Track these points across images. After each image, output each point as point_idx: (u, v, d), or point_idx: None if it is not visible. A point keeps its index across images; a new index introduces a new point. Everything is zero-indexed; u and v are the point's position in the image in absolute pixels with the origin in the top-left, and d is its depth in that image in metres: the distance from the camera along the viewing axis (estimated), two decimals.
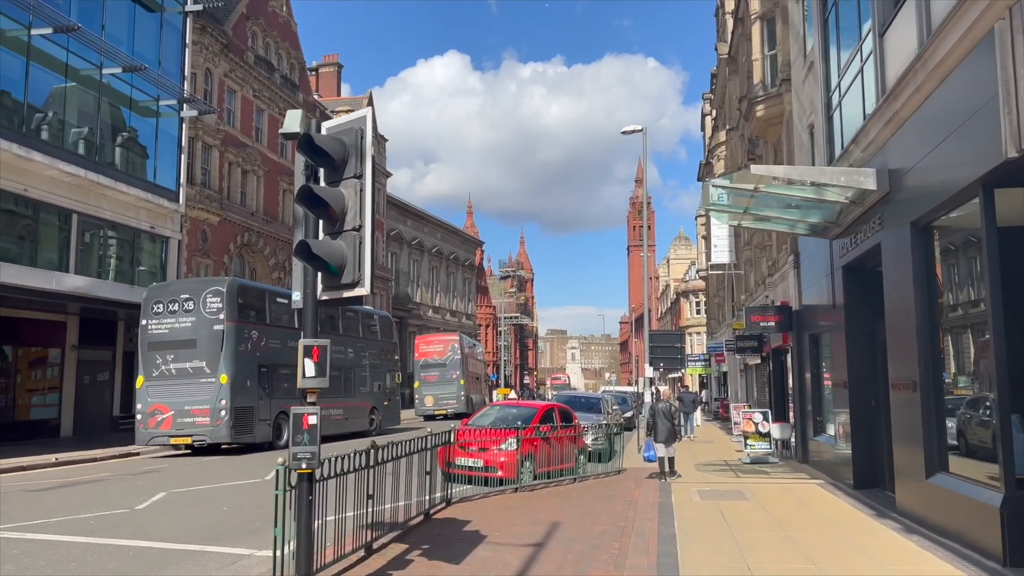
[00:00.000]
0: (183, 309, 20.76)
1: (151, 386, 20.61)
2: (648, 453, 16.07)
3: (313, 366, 6.07)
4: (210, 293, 20.67)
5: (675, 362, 33.40)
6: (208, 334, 20.28)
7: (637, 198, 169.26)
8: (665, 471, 15.69)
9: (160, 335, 20.77)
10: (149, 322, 21.00)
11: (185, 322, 20.58)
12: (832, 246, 14.83)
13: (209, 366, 20.15)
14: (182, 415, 20.08)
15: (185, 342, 20.48)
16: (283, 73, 41.65)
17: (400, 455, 9.21)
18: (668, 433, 15.72)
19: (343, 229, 5.81)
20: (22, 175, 23.11)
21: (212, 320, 20.37)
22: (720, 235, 33.86)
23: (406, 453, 9.45)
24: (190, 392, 20.08)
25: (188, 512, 11.06)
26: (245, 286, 23.11)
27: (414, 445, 9.80)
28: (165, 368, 20.53)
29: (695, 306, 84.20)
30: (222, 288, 20.90)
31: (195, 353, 20.35)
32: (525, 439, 14.16)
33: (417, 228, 64.10)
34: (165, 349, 20.62)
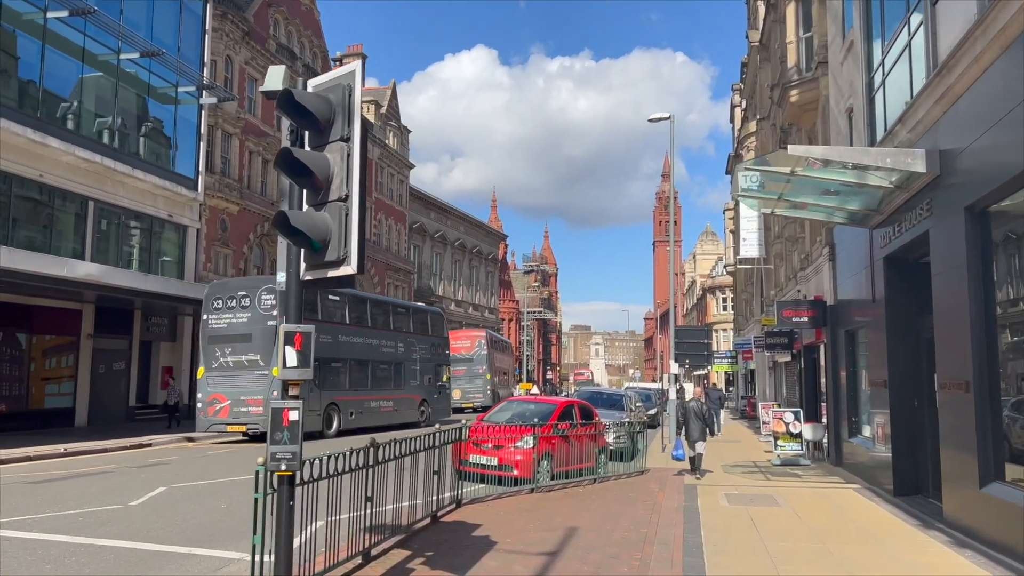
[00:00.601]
0: (240, 305, 21.86)
1: (210, 377, 21.78)
2: (677, 452, 16.14)
3: (295, 355, 5.39)
4: (265, 291, 21.64)
5: (701, 359, 32.39)
6: (262, 329, 21.09)
7: (663, 193, 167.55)
8: (697, 468, 15.76)
9: (219, 329, 21.94)
10: (209, 317, 22.19)
11: (241, 318, 21.66)
12: (872, 236, 13.91)
13: (263, 359, 20.91)
14: (238, 404, 21.04)
15: (241, 336, 21.53)
16: (305, 62, 41.18)
17: (404, 453, 8.52)
18: (700, 432, 15.77)
19: (328, 199, 5.11)
20: (38, 161, 22.79)
21: (266, 316, 21.25)
22: (749, 228, 32.84)
23: (411, 451, 8.76)
24: (246, 383, 21.06)
25: (184, 509, 10.47)
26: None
27: (420, 443, 9.11)
28: (223, 360, 21.70)
29: (722, 302, 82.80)
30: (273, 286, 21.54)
31: (250, 347, 21.31)
32: (543, 437, 13.43)
33: (440, 221, 63.53)
34: (223, 343, 21.76)
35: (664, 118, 26.02)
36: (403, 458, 8.48)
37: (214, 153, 32.34)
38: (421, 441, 9.14)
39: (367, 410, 25.47)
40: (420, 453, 9.13)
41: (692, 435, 15.78)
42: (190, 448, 20.53)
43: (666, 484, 14.61)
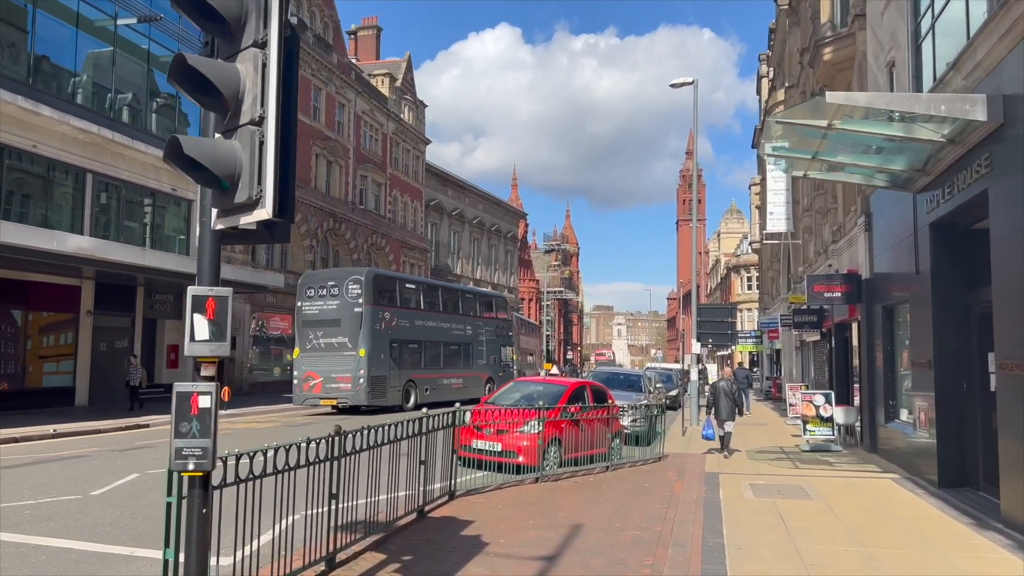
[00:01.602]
0: (330, 294, 24.46)
1: (305, 357, 24.63)
2: (707, 431, 16.22)
3: (207, 325, 4.29)
4: (351, 281, 24.35)
5: (725, 338, 31.17)
6: (350, 315, 23.89)
7: (687, 171, 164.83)
8: (726, 446, 15.96)
9: (312, 315, 24.63)
10: (303, 304, 24.97)
11: (331, 304, 24.28)
12: (916, 201, 12.53)
13: (351, 341, 23.78)
14: (329, 381, 23.82)
15: (332, 321, 24.17)
16: (316, 32, 39.96)
17: (380, 442, 7.41)
18: (729, 411, 15.99)
19: (238, 124, 3.96)
20: (31, 130, 21.86)
21: (353, 303, 23.99)
22: (777, 201, 31.32)
23: (389, 440, 7.65)
24: (336, 362, 23.77)
25: (147, 500, 9.47)
26: (380, 275, 26.82)
27: (403, 430, 8.01)
28: (316, 342, 24.40)
29: (746, 281, 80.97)
30: (361, 277, 24.53)
31: (339, 330, 24.00)
32: (550, 421, 12.29)
33: (458, 198, 62.32)
34: (316, 327, 24.45)
35: (687, 83, 24.66)
36: (379, 448, 7.37)
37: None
38: (404, 428, 8.03)
39: (440, 387, 27.46)
40: (403, 441, 8.02)
41: (721, 414, 16.01)
42: None
43: (685, 472, 13.44)
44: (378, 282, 25.38)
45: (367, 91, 45.40)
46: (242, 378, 32.47)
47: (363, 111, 44.78)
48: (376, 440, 7.31)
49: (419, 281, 31.99)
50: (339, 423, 6.84)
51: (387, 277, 27.76)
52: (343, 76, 42.15)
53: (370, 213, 44.80)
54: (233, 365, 32.30)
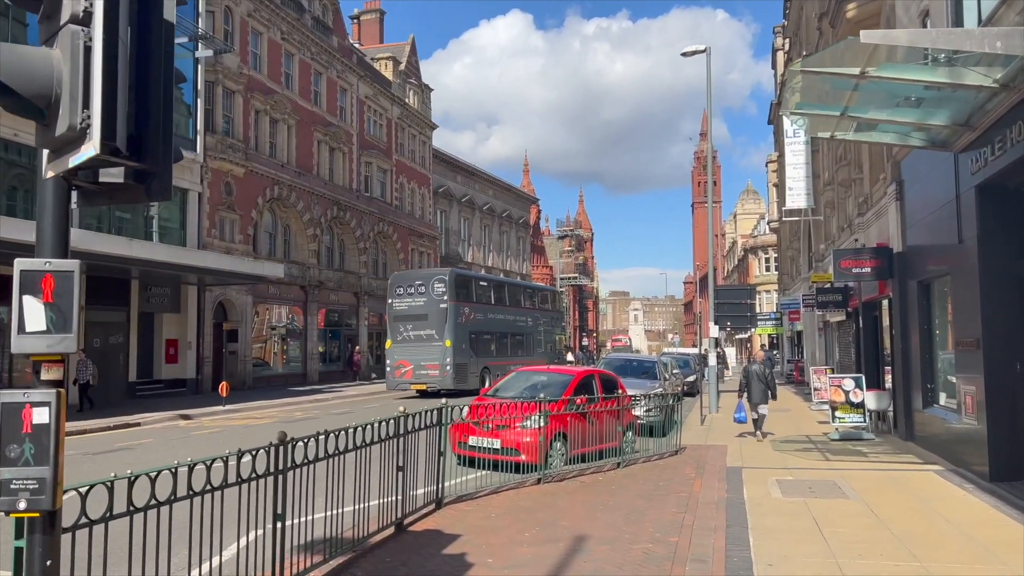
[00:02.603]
0: (417, 292, 27.71)
1: (396, 347, 27.77)
2: (739, 414, 16.38)
3: (43, 311, 3.20)
4: (436, 280, 27.61)
5: (743, 320, 29.68)
6: (436, 310, 27.06)
7: (702, 152, 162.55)
8: (759, 428, 16.06)
9: (402, 310, 27.80)
10: (393, 300, 28.24)
11: (419, 301, 27.50)
12: (958, 161, 11.22)
13: (437, 333, 26.91)
14: (419, 368, 26.75)
15: (420, 316, 27.37)
16: (314, 14, 38.77)
17: (343, 449, 6.28)
18: (761, 394, 16.13)
19: (59, 23, 2.81)
20: (10, 118, 20.88)
21: (439, 300, 27.17)
22: (796, 176, 29.86)
23: (356, 445, 6.52)
24: (424, 352, 26.79)
25: None
26: (460, 274, 30.61)
27: (375, 432, 6.88)
28: (406, 334, 27.51)
29: (764, 263, 79.35)
30: (445, 276, 27.91)
31: (427, 324, 27.17)
32: (555, 415, 11.13)
33: (467, 184, 61.08)
34: (405, 320, 27.67)
35: (699, 51, 23.31)
36: (340, 456, 6.23)
37: (215, 111, 30.26)
38: (375, 431, 6.90)
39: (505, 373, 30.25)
40: (373, 446, 6.88)
41: (754, 398, 16.14)
42: (180, 427, 18.74)
43: (705, 467, 12.25)
44: (459, 281, 28.80)
45: (370, 75, 44.21)
46: (245, 372, 31.55)
47: (366, 96, 43.61)
48: (335, 448, 6.17)
49: (490, 279, 36.57)
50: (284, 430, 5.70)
51: (466, 276, 31.46)
52: (344, 60, 40.97)
53: (376, 200, 43.71)
54: (235, 359, 31.39)
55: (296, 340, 36.13)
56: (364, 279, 41.66)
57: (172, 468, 4.48)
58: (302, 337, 36.32)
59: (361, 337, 41.51)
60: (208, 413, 21.81)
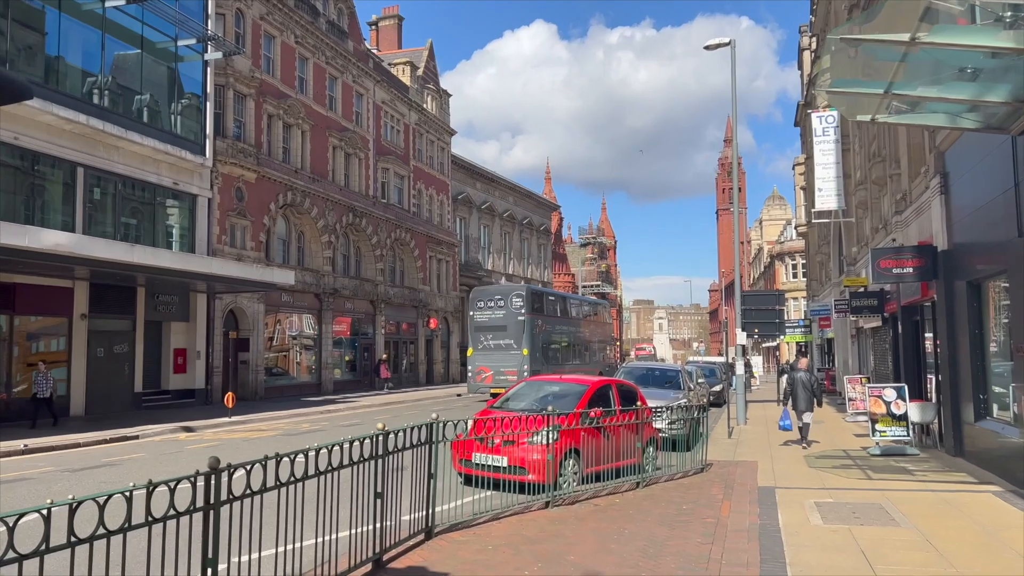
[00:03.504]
0: (497, 305, 30.47)
1: (477, 355, 30.55)
2: (784, 422, 16.66)
3: None
4: (515, 295, 30.55)
5: (772, 327, 28.30)
6: (514, 322, 29.77)
7: (726, 159, 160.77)
8: (804, 437, 15.95)
9: (483, 322, 30.54)
10: (475, 313, 31.08)
11: (499, 314, 30.25)
12: (1016, 145, 10.03)
13: (516, 343, 29.69)
14: (499, 374, 29.19)
15: (499, 327, 30.11)
16: (329, 18, 38.14)
17: (293, 479, 5.25)
18: (807, 402, 16.04)
19: None
20: (11, 121, 20.30)
21: (517, 313, 29.87)
22: (826, 177, 28.51)
23: (318, 472, 5.49)
24: (503, 359, 29.54)
25: None
26: (534, 290, 33.47)
27: (344, 455, 5.85)
28: (486, 343, 30.30)
29: (791, 269, 77.63)
30: (523, 292, 30.89)
31: (506, 334, 29.92)
32: (567, 429, 10.06)
33: (487, 191, 60.20)
34: (486, 331, 30.44)
35: (723, 44, 22.19)
36: (291, 486, 5.21)
37: (226, 115, 29.61)
38: (347, 452, 5.88)
39: None
40: (339, 471, 5.84)
41: (800, 405, 16.09)
42: (179, 440, 17.88)
43: (733, 487, 11.11)
44: (533, 296, 31.66)
45: (387, 80, 43.52)
46: (256, 382, 30.77)
47: (383, 101, 42.91)
48: (292, 475, 5.15)
49: (556, 294, 39.70)
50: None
51: (539, 292, 34.59)
52: (360, 64, 40.30)
53: (393, 207, 42.92)
54: (247, 369, 30.62)
55: (310, 349, 35.33)
56: (381, 287, 40.83)
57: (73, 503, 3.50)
58: (316, 346, 35.52)
59: (377, 346, 40.65)
60: (212, 425, 20.98)
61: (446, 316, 49.40)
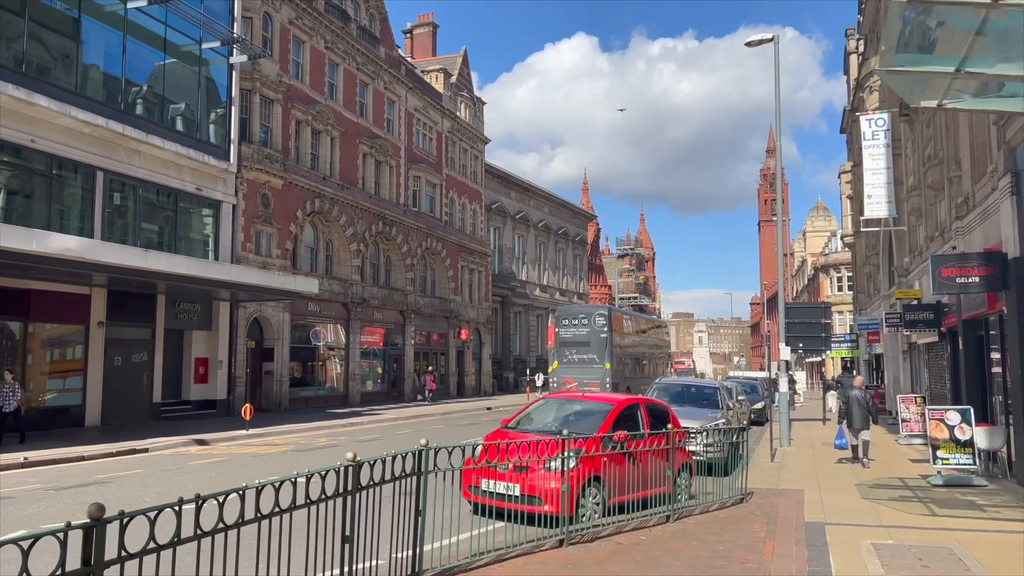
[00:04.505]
0: (581, 323, 32.69)
1: (562, 368, 32.58)
2: (840, 441, 16.36)
3: None
4: (598, 315, 32.94)
5: (817, 342, 26.68)
6: (597, 339, 32.01)
7: (768, 169, 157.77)
8: (860, 456, 15.86)
9: (567, 338, 32.59)
10: (560, 329, 33.05)
11: (582, 331, 32.43)
12: None
13: (599, 357, 31.85)
14: (582, 385, 30.10)
15: (583, 343, 32.30)
16: (360, 23, 37.57)
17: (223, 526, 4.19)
18: (863, 420, 15.95)
19: None
20: (26, 123, 19.83)
21: (599, 331, 32.13)
22: (876, 183, 26.92)
23: (258, 517, 4.43)
24: (587, 372, 31.50)
25: None
26: (614, 310, 36.47)
27: (296, 493, 4.79)
28: (571, 357, 32.40)
29: (836, 282, 75.18)
30: (605, 312, 33.48)
31: (589, 349, 32.16)
32: (588, 456, 8.91)
33: (522, 201, 59.22)
34: (570, 346, 32.58)
35: (766, 40, 20.91)
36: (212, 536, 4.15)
37: (252, 120, 29.05)
38: (301, 488, 4.81)
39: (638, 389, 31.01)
40: (289, 513, 4.77)
41: (855, 423, 15.98)
42: (188, 454, 17.08)
43: (777, 522, 9.82)
44: (613, 315, 34.24)
45: (419, 87, 42.83)
46: (280, 393, 30.04)
47: (415, 108, 42.22)
48: (216, 524, 4.09)
49: (629, 313, 43.52)
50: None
51: (618, 312, 37.71)
52: (392, 71, 39.67)
53: (424, 215, 42.12)
54: (270, 379, 29.92)
55: (337, 360, 34.57)
56: (411, 296, 40.00)
57: None
58: (343, 357, 34.75)
59: (407, 357, 39.78)
60: (227, 438, 20.18)
61: (478, 327, 48.39)
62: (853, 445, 16.12)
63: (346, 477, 5.31)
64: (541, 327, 59.01)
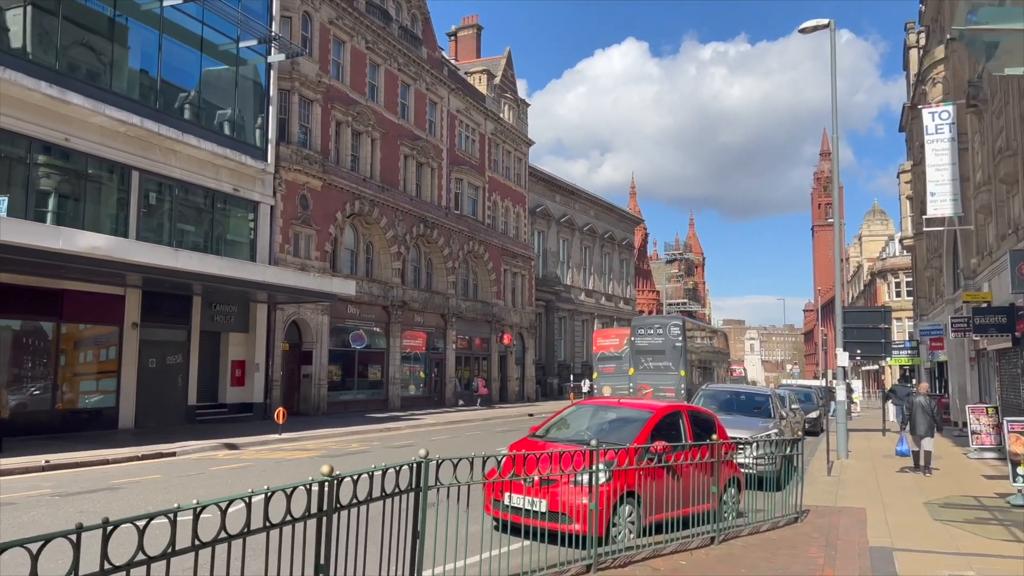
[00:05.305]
0: (656, 333, 33.80)
1: (638, 375, 33.62)
2: (902, 447, 16.49)
3: None
4: (673, 324, 34.02)
5: (876, 348, 25.20)
6: (672, 347, 32.96)
7: (822, 173, 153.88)
8: (921, 464, 15.63)
9: (643, 346, 33.72)
10: (636, 339, 34.26)
11: (658, 340, 33.47)
12: None
13: (673, 365, 32.72)
14: (658, 391, 31.64)
15: (658, 351, 33.30)
16: (402, 24, 37.14)
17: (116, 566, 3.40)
18: (927, 427, 15.61)
19: None
20: (60, 121, 19.67)
21: (675, 340, 33.09)
22: (940, 180, 25.37)
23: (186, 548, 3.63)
24: (662, 379, 32.50)
25: None
26: (689, 322, 37.69)
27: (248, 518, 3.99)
28: (646, 364, 33.53)
29: (894, 287, 72.43)
30: (679, 322, 34.30)
31: (664, 357, 33.08)
32: (619, 469, 7.97)
33: (567, 204, 58.29)
34: (646, 354, 33.63)
35: (822, 25, 19.67)
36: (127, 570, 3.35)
37: (291, 121, 28.72)
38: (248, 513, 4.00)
39: None
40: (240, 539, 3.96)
41: (919, 430, 15.69)
42: (216, 459, 16.54)
43: (837, 546, 8.74)
44: (687, 325, 35.42)
45: (462, 88, 42.27)
46: (319, 396, 29.60)
47: (458, 109, 41.65)
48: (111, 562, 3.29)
49: (698, 323, 46.73)
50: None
51: (691, 322, 39.29)
52: (434, 72, 39.16)
53: (466, 218, 41.48)
54: (309, 382, 29.51)
55: (376, 363, 34.06)
56: (452, 300, 39.36)
57: None
58: (383, 360, 34.23)
59: (448, 361, 39.12)
60: (258, 442, 19.66)
61: (521, 332, 47.55)
62: (915, 451, 15.92)
63: (320, 495, 4.48)
64: (586, 332, 57.91)
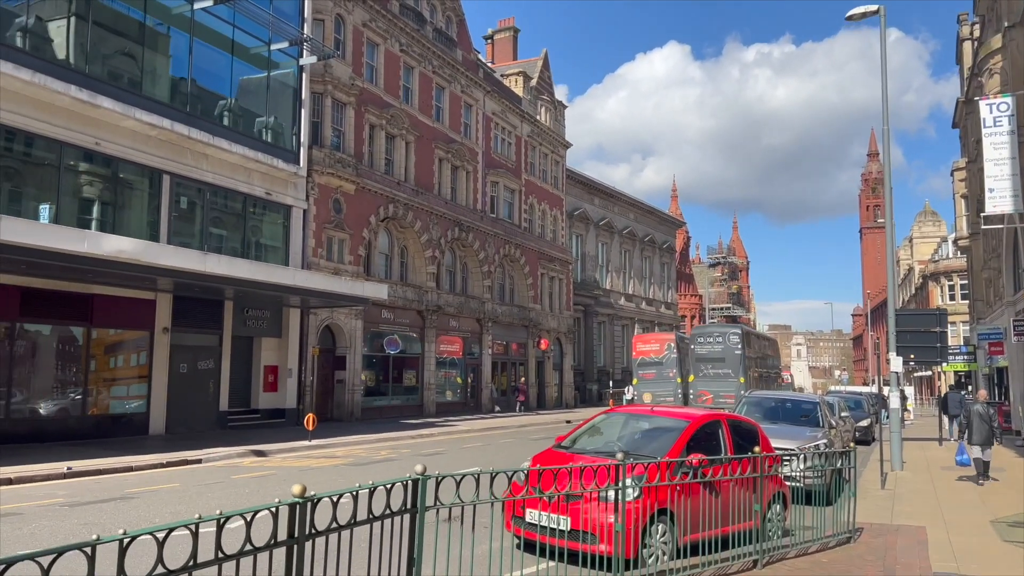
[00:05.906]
0: (716, 341, 35.09)
1: (698, 381, 35.12)
2: (961, 456, 15.80)
3: None
4: (732, 333, 35.62)
5: (931, 352, 23.81)
6: (732, 355, 34.42)
7: (869, 174, 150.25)
8: (980, 473, 15.39)
9: (703, 354, 35.05)
10: (696, 347, 35.64)
11: (717, 348, 34.76)
12: None
13: (733, 372, 34.18)
14: (718, 397, 32.97)
15: (718, 359, 34.66)
16: (436, 26, 36.76)
17: None
18: (986, 436, 15.42)
19: None
20: (91, 125, 19.58)
21: (733, 348, 34.58)
22: (998, 174, 23.98)
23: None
24: (722, 385, 33.81)
25: None
26: (746, 330, 39.02)
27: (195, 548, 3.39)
28: (706, 371, 34.90)
29: (948, 290, 69.95)
30: (739, 331, 35.98)
31: (723, 365, 34.55)
32: (650, 486, 7.24)
33: (605, 207, 57.37)
34: (705, 361, 35.03)
35: (871, 12, 18.67)
36: None
37: (323, 124, 28.45)
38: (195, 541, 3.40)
39: None
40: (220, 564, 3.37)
41: (976, 438, 15.47)
42: (242, 466, 16.16)
43: (895, 569, 7.88)
44: (746, 333, 36.93)
45: (497, 90, 41.76)
46: (353, 402, 29.22)
47: (493, 112, 41.14)
48: None
49: (754, 332, 46.31)
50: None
51: (749, 331, 40.36)
52: (469, 74, 38.70)
53: (502, 222, 40.90)
54: (342, 388, 29.16)
55: (411, 369, 33.62)
56: (488, 305, 38.79)
57: None
58: (418, 365, 33.78)
59: (484, 367, 38.53)
60: (286, 449, 19.26)
61: (559, 337, 46.76)
62: (976, 459, 15.51)
63: (291, 520, 3.86)
64: (626, 337, 56.91)
